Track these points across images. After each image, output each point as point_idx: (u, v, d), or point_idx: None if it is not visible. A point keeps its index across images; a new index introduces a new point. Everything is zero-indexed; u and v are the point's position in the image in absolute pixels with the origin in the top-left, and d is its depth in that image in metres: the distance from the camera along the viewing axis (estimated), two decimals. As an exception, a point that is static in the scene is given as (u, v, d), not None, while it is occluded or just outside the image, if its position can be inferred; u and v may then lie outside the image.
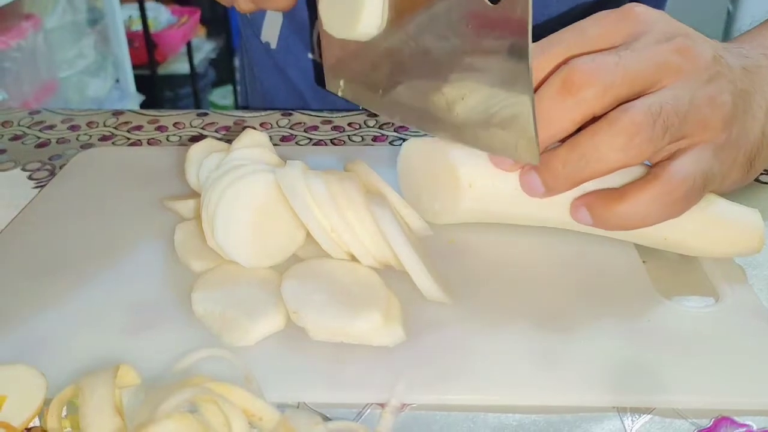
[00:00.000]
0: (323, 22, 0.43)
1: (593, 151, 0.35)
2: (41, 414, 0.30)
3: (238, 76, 2.63)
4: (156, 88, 2.19)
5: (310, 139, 0.59)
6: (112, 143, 0.59)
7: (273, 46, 0.71)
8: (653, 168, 0.37)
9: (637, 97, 0.36)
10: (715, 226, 0.39)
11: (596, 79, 0.35)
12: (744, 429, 0.30)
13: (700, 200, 0.38)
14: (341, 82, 0.47)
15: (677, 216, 0.37)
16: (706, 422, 0.31)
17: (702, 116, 0.36)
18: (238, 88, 2.66)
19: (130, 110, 0.65)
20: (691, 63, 0.37)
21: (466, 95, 0.38)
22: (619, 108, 0.35)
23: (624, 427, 0.31)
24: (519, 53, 0.33)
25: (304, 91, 0.72)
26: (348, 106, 0.66)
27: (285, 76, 0.73)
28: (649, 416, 0.31)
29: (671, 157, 0.37)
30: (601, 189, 0.38)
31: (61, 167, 0.53)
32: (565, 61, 0.36)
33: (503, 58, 0.34)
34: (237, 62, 2.62)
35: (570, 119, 0.36)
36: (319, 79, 0.67)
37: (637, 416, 0.31)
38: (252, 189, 0.39)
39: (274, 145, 0.49)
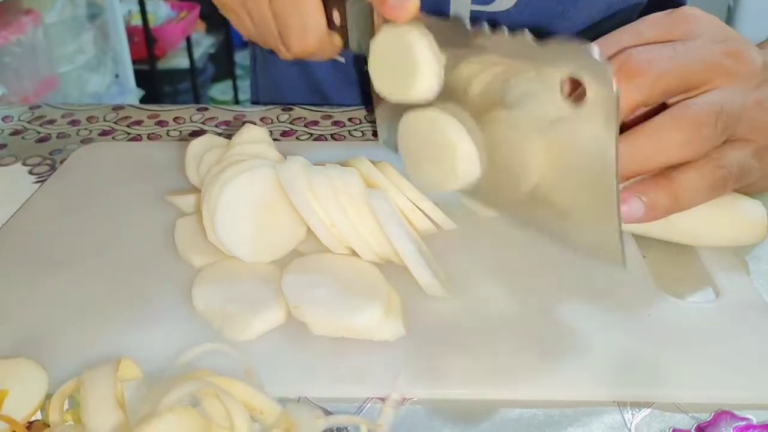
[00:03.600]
0: (374, 82, 0.42)
1: (653, 144, 0.35)
2: (43, 408, 0.30)
3: (238, 71, 2.63)
4: (155, 83, 2.18)
5: (311, 134, 0.59)
6: (113, 138, 0.59)
7: None
8: None
9: (686, 92, 0.37)
10: (720, 211, 0.39)
11: (651, 67, 0.35)
12: (744, 422, 0.30)
13: (734, 188, 0.38)
14: (395, 139, 0.45)
15: (719, 196, 0.38)
16: (706, 416, 0.31)
17: (752, 119, 0.37)
18: (246, 83, 2.66)
19: (130, 105, 0.65)
20: (744, 67, 0.37)
21: (539, 184, 0.37)
22: (681, 104, 0.36)
23: (624, 420, 0.31)
24: (603, 159, 0.33)
25: (324, 84, 0.71)
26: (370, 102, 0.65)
27: (304, 69, 0.72)
28: (649, 410, 0.31)
29: None
30: (641, 178, 0.37)
31: (61, 162, 0.53)
32: (621, 52, 0.36)
33: (584, 156, 0.34)
34: (237, 57, 2.62)
35: (623, 106, 0.35)
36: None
37: (637, 410, 0.31)
38: (253, 184, 0.39)
39: (275, 140, 0.49)
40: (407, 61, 0.39)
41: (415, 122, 0.41)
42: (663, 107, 0.37)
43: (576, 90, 0.33)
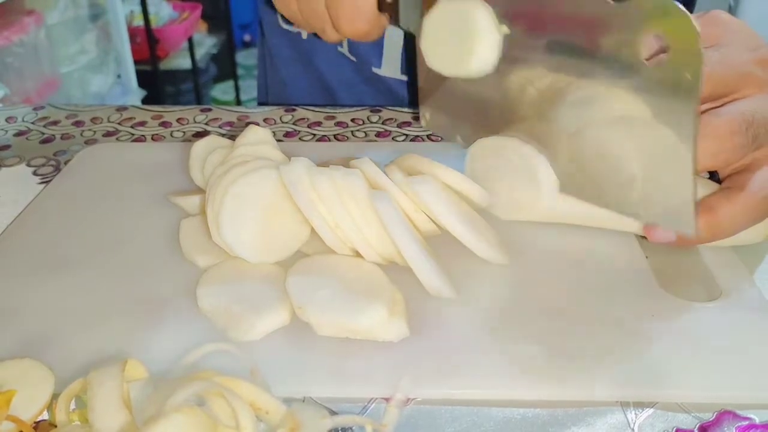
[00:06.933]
0: (427, 58, 0.42)
1: None
2: (50, 408, 0.30)
3: (240, 71, 2.64)
4: (157, 84, 2.19)
5: (314, 134, 0.59)
6: (117, 139, 0.59)
7: (304, 35, 0.70)
8: (734, 176, 0.37)
9: (716, 100, 0.36)
10: None
11: None
12: (746, 422, 0.30)
13: None
14: (440, 120, 0.45)
15: (755, 224, 0.38)
16: (709, 416, 0.31)
17: None
18: (248, 83, 2.66)
19: (133, 106, 0.65)
20: None
21: (602, 153, 0.37)
22: (712, 112, 0.36)
23: (627, 420, 0.31)
24: (681, 125, 0.32)
25: (332, 83, 0.71)
26: (377, 102, 0.66)
27: (311, 67, 0.72)
28: (652, 410, 0.31)
29: (748, 168, 0.37)
30: None
31: (65, 163, 0.54)
32: None
33: (659, 124, 0.33)
34: (239, 58, 2.62)
35: None
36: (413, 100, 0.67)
37: (640, 410, 0.31)
38: (257, 185, 0.39)
39: (278, 140, 0.50)
40: (466, 32, 0.39)
41: (491, 149, 0.42)
42: None
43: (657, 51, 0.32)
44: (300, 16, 0.51)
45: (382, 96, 0.68)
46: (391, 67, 0.66)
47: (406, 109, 0.63)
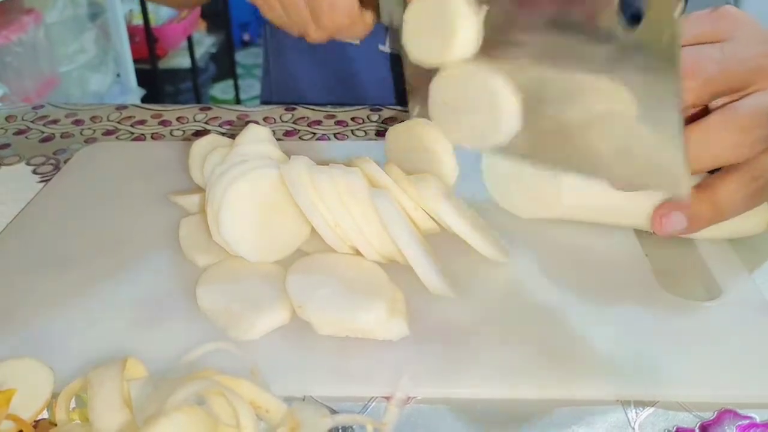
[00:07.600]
0: (409, 51, 0.42)
1: (703, 146, 0.35)
2: (50, 407, 0.30)
3: (239, 70, 2.63)
4: (157, 83, 2.19)
5: (314, 133, 0.59)
6: (116, 138, 0.59)
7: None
8: None
9: (731, 94, 0.37)
10: None
11: (699, 70, 0.35)
12: (747, 421, 0.30)
13: None
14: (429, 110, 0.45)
15: (757, 206, 0.38)
16: (710, 415, 0.31)
17: None
18: (247, 82, 2.66)
19: (133, 105, 0.65)
20: None
21: (589, 124, 0.36)
22: (730, 106, 0.36)
23: (628, 419, 0.31)
24: (665, 82, 0.32)
25: (358, 73, 0.71)
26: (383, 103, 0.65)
27: (321, 58, 0.71)
28: (653, 409, 0.31)
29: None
30: None
31: (65, 162, 0.53)
32: None
33: (642, 86, 0.33)
34: (238, 57, 2.62)
35: None
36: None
37: (640, 409, 0.31)
38: (257, 184, 0.39)
39: (278, 139, 0.50)
40: (444, 20, 0.39)
41: (453, 79, 0.41)
42: (704, 107, 0.37)
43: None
44: (285, 19, 0.52)
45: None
46: (396, 44, 0.65)
47: (405, 108, 0.63)
